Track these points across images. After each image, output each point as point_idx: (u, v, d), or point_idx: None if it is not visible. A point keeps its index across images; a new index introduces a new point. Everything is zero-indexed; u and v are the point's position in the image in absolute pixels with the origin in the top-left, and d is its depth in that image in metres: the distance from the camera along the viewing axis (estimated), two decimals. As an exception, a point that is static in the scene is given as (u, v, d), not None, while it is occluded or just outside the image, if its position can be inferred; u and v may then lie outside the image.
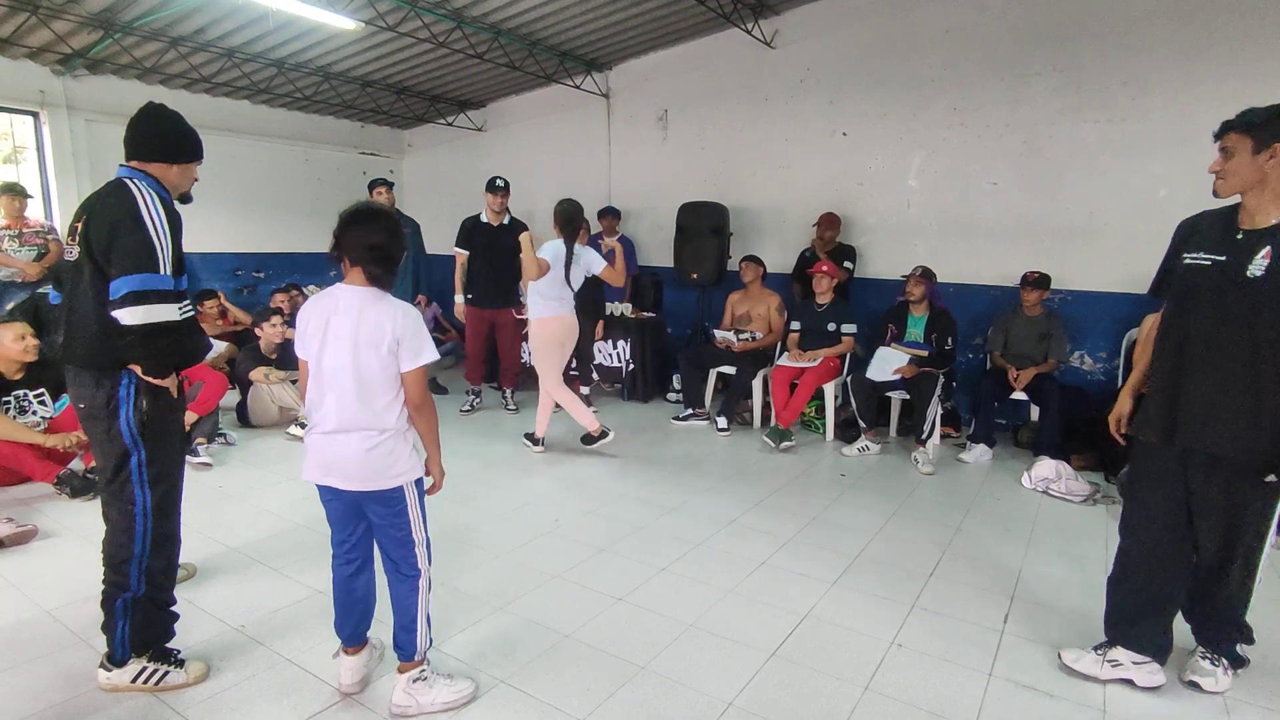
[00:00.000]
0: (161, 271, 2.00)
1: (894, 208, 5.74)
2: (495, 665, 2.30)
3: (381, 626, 2.39)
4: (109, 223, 1.99)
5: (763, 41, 6.07)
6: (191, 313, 2.20)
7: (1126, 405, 2.40)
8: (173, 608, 2.27)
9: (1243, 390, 2.02)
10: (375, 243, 1.96)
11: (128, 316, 1.95)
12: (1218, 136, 2.06)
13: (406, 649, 2.09)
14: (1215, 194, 2.09)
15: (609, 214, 6.68)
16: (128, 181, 2.06)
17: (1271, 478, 2.03)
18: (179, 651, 2.23)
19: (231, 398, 5.02)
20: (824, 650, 2.45)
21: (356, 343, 1.94)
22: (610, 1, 5.55)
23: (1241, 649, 2.31)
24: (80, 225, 2.05)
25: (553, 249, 4.37)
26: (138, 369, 2.05)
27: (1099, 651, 2.33)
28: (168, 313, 2.01)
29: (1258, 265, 1.97)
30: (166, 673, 2.16)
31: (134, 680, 2.14)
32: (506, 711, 2.09)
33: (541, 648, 2.41)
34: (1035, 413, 4.86)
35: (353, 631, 2.15)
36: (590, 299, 5.87)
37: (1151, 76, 4.67)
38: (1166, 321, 2.21)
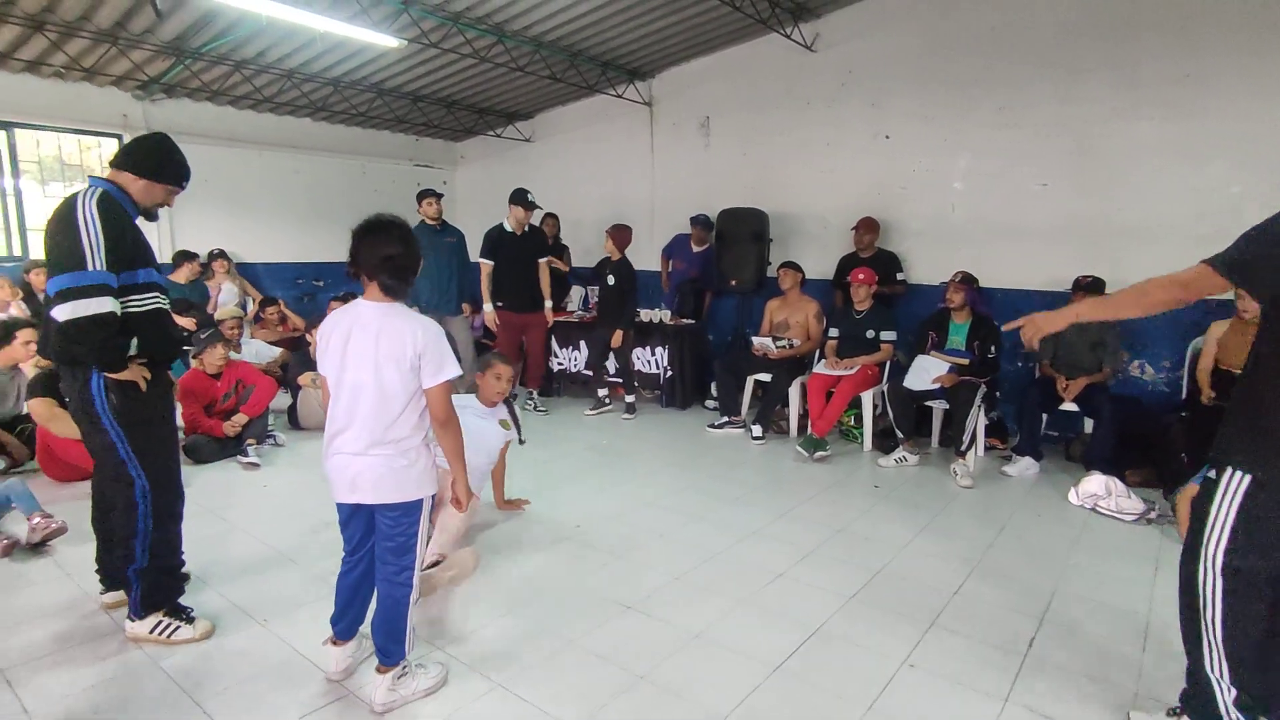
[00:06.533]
0: (90, 268, 2.11)
1: (938, 211, 5.58)
2: (495, 668, 2.34)
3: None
4: (51, 231, 2.20)
5: (803, 45, 6.00)
6: (156, 304, 2.35)
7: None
8: (182, 569, 2.59)
9: None
10: (389, 254, 1.98)
11: (58, 314, 2.11)
12: None
13: (393, 657, 2.12)
14: None
15: (697, 223, 6.48)
16: (82, 190, 2.24)
17: None
18: (191, 610, 2.51)
19: (284, 400, 5.27)
20: (830, 666, 2.39)
21: (377, 360, 1.96)
22: (649, 11, 5.60)
23: None
24: None
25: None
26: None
27: (1171, 718, 2.04)
28: (99, 305, 2.12)
29: None
30: (178, 627, 2.44)
31: (150, 631, 2.42)
32: (499, 715, 2.12)
33: (544, 653, 2.44)
34: (1089, 425, 4.63)
35: (348, 626, 2.24)
36: (619, 306, 5.78)
37: (1212, 71, 4.40)
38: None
